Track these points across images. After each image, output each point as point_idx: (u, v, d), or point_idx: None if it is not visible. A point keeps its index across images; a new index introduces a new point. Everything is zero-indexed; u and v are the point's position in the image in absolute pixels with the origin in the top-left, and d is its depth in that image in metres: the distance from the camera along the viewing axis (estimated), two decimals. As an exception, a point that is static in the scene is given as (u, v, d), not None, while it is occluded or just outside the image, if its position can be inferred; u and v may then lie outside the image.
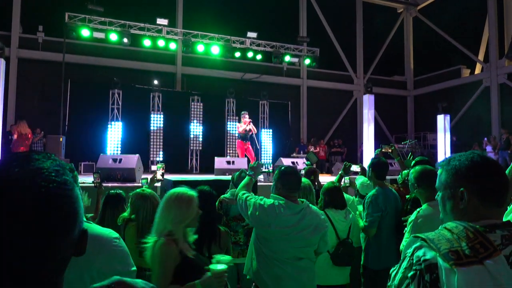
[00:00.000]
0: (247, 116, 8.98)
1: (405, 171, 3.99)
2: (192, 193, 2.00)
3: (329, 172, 14.03)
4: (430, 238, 1.02)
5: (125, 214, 2.93)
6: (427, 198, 2.36)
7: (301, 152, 13.62)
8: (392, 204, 3.15)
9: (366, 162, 12.16)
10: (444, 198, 1.14)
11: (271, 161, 13.53)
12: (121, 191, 3.51)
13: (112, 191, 3.42)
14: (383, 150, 4.45)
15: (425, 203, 2.39)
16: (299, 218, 2.30)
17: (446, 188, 1.13)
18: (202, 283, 1.75)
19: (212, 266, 1.76)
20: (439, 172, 1.15)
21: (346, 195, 3.77)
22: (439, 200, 1.15)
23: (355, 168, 4.15)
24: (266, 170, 6.88)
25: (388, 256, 2.88)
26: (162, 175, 3.97)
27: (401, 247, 2.24)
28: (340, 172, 4.09)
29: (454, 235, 1.01)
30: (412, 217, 2.32)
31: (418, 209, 2.34)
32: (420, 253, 1.02)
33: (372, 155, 12.54)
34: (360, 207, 3.38)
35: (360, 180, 3.85)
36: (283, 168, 2.45)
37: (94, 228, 1.41)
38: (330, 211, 3.12)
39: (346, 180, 3.92)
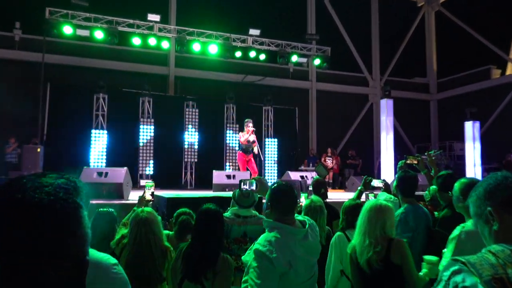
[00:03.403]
0: (250, 124, 8.87)
1: (433, 187, 3.95)
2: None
3: (342, 187, 13.94)
4: (472, 262, 1.02)
5: (125, 240, 2.95)
6: None
7: (311, 164, 13.57)
8: (424, 224, 3.13)
9: (385, 176, 12.14)
10: (482, 229, 1.20)
11: (276, 175, 13.48)
12: (112, 210, 3.49)
13: (102, 209, 3.40)
14: (408, 161, 4.41)
15: (470, 219, 2.36)
16: (306, 244, 2.25)
17: (478, 218, 1.21)
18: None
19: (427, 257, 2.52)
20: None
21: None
22: (481, 233, 1.22)
23: (376, 183, 4.10)
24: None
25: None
26: (152, 194, 3.92)
27: (440, 267, 2.26)
28: (359, 188, 4.05)
29: (500, 259, 1.01)
30: (455, 232, 2.31)
31: (462, 225, 2.34)
32: (458, 278, 1.01)
33: (391, 168, 12.49)
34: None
35: (382, 197, 3.79)
36: (275, 185, 2.36)
37: (91, 252, 1.38)
38: (352, 232, 3.07)
39: (371, 196, 3.88)
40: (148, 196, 3.90)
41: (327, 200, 4.57)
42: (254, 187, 2.96)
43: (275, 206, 2.30)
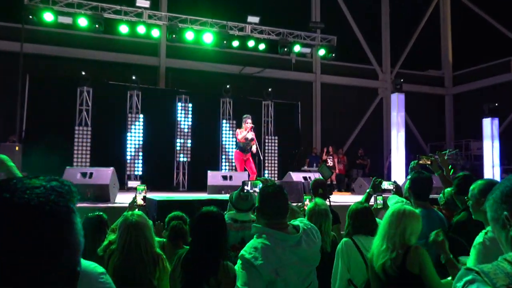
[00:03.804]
0: (249, 120, 8.91)
1: (448, 189, 3.97)
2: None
3: (348, 190, 13.97)
4: (485, 272, 1.05)
5: (113, 246, 2.97)
6: None
7: (314, 164, 13.59)
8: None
9: (395, 177, 12.16)
10: (498, 235, 1.24)
11: (276, 176, 13.50)
12: (101, 213, 3.55)
13: (92, 213, 3.45)
14: (421, 162, 4.44)
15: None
16: (299, 251, 2.28)
17: (495, 223, 1.23)
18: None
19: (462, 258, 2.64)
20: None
21: (377, 220, 3.74)
22: (498, 240, 1.26)
23: (386, 185, 4.11)
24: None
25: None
26: (144, 199, 3.95)
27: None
28: (367, 190, 4.06)
29: None
30: (478, 239, 2.30)
31: (484, 230, 2.33)
32: None
33: (403, 169, 12.51)
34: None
35: (393, 200, 3.80)
36: (262, 188, 2.44)
37: None
38: (360, 238, 3.10)
39: (379, 200, 3.88)
40: (140, 201, 3.93)
41: (333, 202, 4.58)
42: (258, 189, 2.97)
43: (263, 210, 2.35)
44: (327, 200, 4.44)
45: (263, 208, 2.36)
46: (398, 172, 12.71)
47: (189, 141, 12.89)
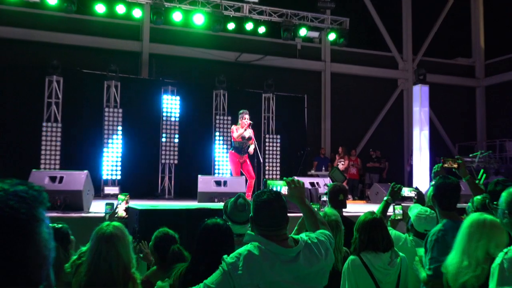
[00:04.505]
0: (247, 116, 8.92)
1: (478, 197, 3.99)
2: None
3: (362, 197, 13.98)
4: None
5: (84, 258, 2.97)
6: None
7: (323, 168, 13.60)
8: None
9: (418, 183, 12.18)
10: None
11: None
12: (62, 224, 3.59)
13: (53, 224, 3.44)
14: (446, 165, 4.44)
15: None
16: (293, 268, 2.27)
17: None
18: None
19: None
20: None
21: (395, 232, 3.74)
22: None
23: (407, 192, 4.13)
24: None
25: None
26: (126, 210, 3.96)
27: None
28: (385, 198, 4.07)
29: None
30: (497, 260, 2.33)
31: (505, 250, 2.35)
32: None
33: (426, 173, 12.52)
34: (420, 251, 3.34)
35: (415, 210, 3.82)
36: (256, 194, 2.44)
37: None
38: (368, 256, 3.10)
39: (397, 209, 3.89)
40: (121, 212, 3.94)
41: (345, 212, 4.57)
42: (285, 191, 2.91)
43: (256, 221, 2.37)
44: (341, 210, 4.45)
45: (256, 217, 2.37)
46: (421, 177, 12.73)
47: (177, 140, 12.86)
